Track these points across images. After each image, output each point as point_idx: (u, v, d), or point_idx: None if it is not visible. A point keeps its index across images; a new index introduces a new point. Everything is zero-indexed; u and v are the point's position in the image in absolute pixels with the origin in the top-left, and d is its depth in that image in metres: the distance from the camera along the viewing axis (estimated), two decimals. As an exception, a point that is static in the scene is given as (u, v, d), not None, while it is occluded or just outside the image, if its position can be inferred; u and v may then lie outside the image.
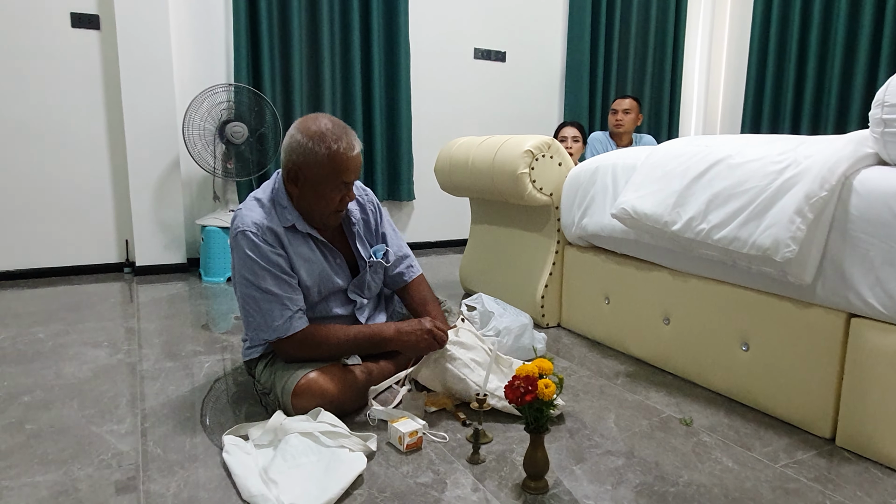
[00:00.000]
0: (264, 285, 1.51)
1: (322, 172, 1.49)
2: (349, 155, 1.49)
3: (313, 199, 1.53)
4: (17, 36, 3.04)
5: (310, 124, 1.49)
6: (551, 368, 1.24)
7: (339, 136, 1.48)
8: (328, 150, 1.47)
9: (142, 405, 1.64)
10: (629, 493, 1.25)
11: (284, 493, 1.17)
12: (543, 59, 4.57)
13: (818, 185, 1.41)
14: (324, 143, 1.47)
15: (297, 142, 1.49)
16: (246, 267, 1.52)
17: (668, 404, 1.71)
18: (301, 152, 1.48)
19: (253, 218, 1.53)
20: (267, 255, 1.51)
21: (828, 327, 1.47)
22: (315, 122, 1.49)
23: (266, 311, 1.52)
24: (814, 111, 4.11)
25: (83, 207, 3.30)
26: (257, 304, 1.52)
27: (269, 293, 1.51)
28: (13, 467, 1.31)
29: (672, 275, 1.88)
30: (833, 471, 1.36)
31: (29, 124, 3.13)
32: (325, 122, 1.50)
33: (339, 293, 1.68)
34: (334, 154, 1.47)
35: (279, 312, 1.51)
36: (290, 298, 1.53)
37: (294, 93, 3.62)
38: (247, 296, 1.54)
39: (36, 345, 2.14)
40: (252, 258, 1.51)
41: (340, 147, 1.48)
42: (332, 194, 1.52)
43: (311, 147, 1.47)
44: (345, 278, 1.68)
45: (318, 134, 1.47)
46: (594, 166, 2.17)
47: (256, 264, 1.51)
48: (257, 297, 1.52)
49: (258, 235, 1.51)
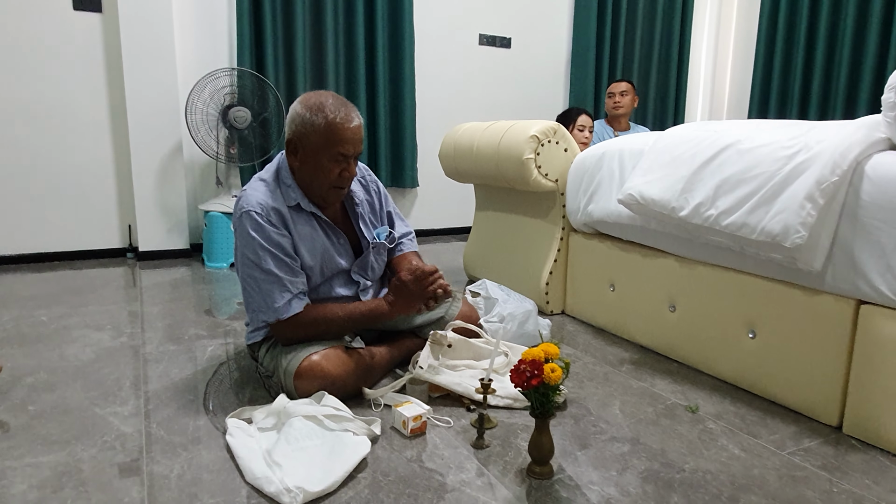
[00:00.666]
0: (266, 266, 1.51)
1: (319, 142, 1.49)
2: (347, 126, 1.49)
3: (312, 170, 1.54)
4: (20, 18, 3.02)
5: (310, 97, 1.52)
6: (557, 353, 1.23)
7: (337, 107, 1.50)
8: (325, 119, 1.48)
9: (145, 388, 1.64)
10: (634, 479, 1.24)
11: (288, 476, 1.16)
12: (549, 45, 4.53)
13: (829, 171, 1.38)
14: (322, 112, 1.48)
15: (297, 113, 1.51)
16: (249, 247, 1.52)
17: (673, 391, 1.70)
18: (300, 122, 1.50)
19: (257, 198, 1.53)
20: (270, 236, 1.51)
21: (837, 314, 1.45)
22: (316, 96, 1.52)
23: (266, 292, 1.52)
24: (822, 96, 4.07)
25: (86, 192, 3.29)
26: (258, 284, 1.52)
27: (271, 274, 1.51)
28: (17, 448, 1.31)
29: (678, 261, 1.87)
30: (840, 458, 1.35)
31: (31, 108, 3.11)
32: (326, 96, 1.52)
33: (342, 274, 1.68)
34: (331, 123, 1.48)
35: (279, 294, 1.51)
36: (291, 281, 1.53)
37: (297, 77, 3.59)
38: (248, 276, 1.54)
39: (39, 327, 2.13)
40: (255, 238, 1.50)
41: (338, 117, 1.48)
42: (330, 165, 1.52)
43: (309, 117, 1.49)
44: (348, 259, 1.68)
45: (317, 105, 1.49)
46: (600, 152, 2.15)
47: (259, 245, 1.50)
48: (258, 278, 1.52)
49: (262, 216, 1.51)
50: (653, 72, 4.80)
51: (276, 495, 1.13)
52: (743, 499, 1.18)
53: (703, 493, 1.20)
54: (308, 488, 1.13)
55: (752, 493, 1.21)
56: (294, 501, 1.11)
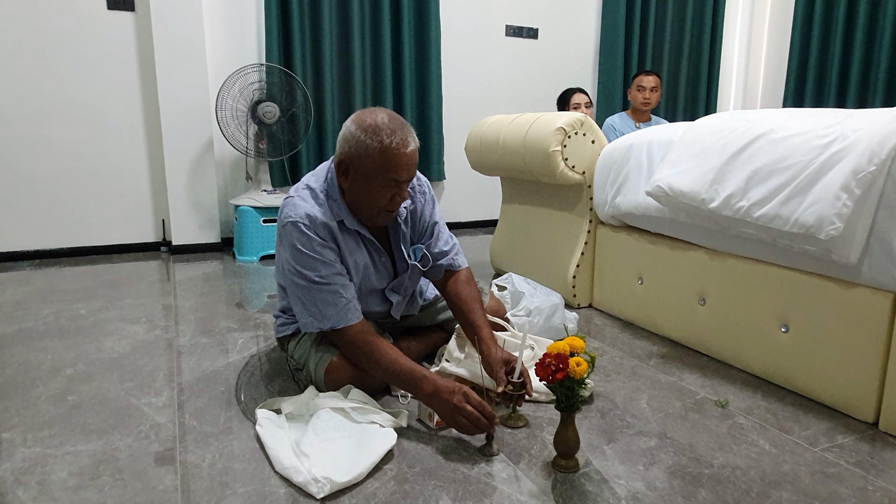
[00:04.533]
0: (315, 277, 1.45)
1: (373, 167, 1.41)
2: (403, 151, 1.40)
3: (362, 194, 1.46)
4: (56, 18, 3.10)
5: (365, 117, 1.43)
6: (583, 346, 1.22)
7: (394, 130, 1.40)
8: (380, 143, 1.39)
9: (178, 379, 1.68)
10: (661, 474, 1.23)
11: (316, 466, 1.18)
12: (577, 35, 4.47)
13: (866, 160, 1.34)
14: (377, 136, 1.39)
15: (350, 133, 1.43)
16: (296, 259, 1.46)
17: (702, 386, 1.67)
18: (353, 144, 1.42)
19: (306, 209, 1.47)
20: (316, 248, 1.46)
21: (873, 308, 1.41)
22: (371, 115, 1.43)
23: (320, 301, 1.46)
24: (861, 84, 3.94)
25: (122, 189, 3.38)
26: (310, 294, 1.47)
27: (321, 283, 1.46)
28: (56, 436, 1.36)
29: (708, 254, 1.83)
30: (876, 455, 1.32)
31: (68, 107, 3.20)
32: (382, 116, 1.42)
33: (377, 292, 1.64)
34: (386, 148, 1.39)
35: (333, 301, 1.46)
36: (344, 286, 1.48)
37: (324, 72, 3.62)
38: (297, 286, 1.48)
39: (78, 320, 2.20)
40: (302, 251, 1.45)
41: (394, 142, 1.39)
42: (381, 191, 1.44)
43: (363, 140, 1.40)
44: (387, 279, 1.63)
45: (372, 127, 1.40)
46: (628, 143, 2.12)
47: (307, 256, 1.45)
48: (309, 287, 1.47)
49: (310, 228, 1.45)
50: (684, 61, 4.70)
51: (303, 485, 1.15)
52: (773, 495, 1.16)
53: (731, 488, 1.19)
54: (335, 479, 1.14)
55: (783, 489, 1.18)
56: (321, 491, 1.13)
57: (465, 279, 1.67)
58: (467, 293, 1.63)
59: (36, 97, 3.13)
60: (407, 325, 1.79)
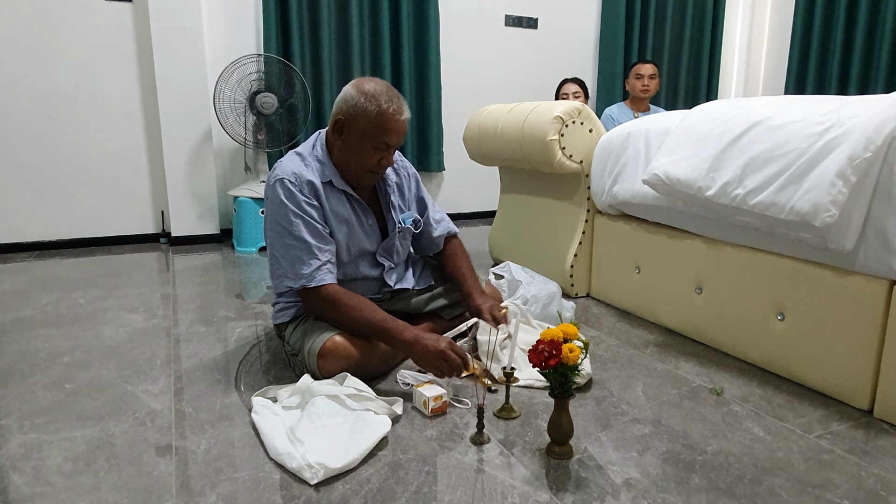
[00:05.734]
0: (296, 232, 1.53)
1: (367, 127, 1.52)
2: (397, 118, 1.53)
3: (353, 152, 1.56)
4: (54, 10, 3.09)
5: (365, 83, 1.54)
6: (576, 333, 1.22)
7: (391, 97, 1.53)
8: (378, 107, 1.51)
9: (175, 367, 1.69)
10: (655, 460, 1.24)
11: (310, 452, 1.18)
12: (577, 24, 4.45)
13: (862, 147, 1.34)
14: (375, 100, 1.51)
15: (350, 95, 1.54)
16: (279, 214, 1.54)
17: (698, 374, 1.67)
18: (353, 104, 1.53)
19: (292, 168, 1.56)
20: (301, 204, 1.53)
21: (869, 296, 1.41)
22: (371, 83, 1.55)
23: (294, 259, 1.53)
24: (863, 73, 3.92)
25: (121, 180, 3.38)
26: (287, 250, 1.54)
27: (301, 240, 1.53)
28: (53, 423, 1.37)
29: (705, 243, 1.83)
30: (870, 442, 1.32)
31: (66, 99, 3.20)
32: (381, 85, 1.55)
33: (367, 255, 1.70)
34: (383, 112, 1.51)
35: (307, 260, 1.53)
36: (320, 248, 1.54)
37: (323, 63, 3.60)
38: (276, 243, 1.56)
39: (76, 309, 2.21)
40: (286, 205, 1.53)
41: (391, 108, 1.52)
42: (371, 151, 1.55)
43: (363, 102, 1.52)
44: (374, 241, 1.70)
45: (371, 92, 1.52)
46: (626, 132, 2.11)
47: (291, 211, 1.53)
48: (288, 244, 1.53)
49: (295, 185, 1.54)
50: (685, 51, 4.68)
51: (297, 471, 1.16)
52: (766, 481, 1.17)
53: (724, 474, 1.19)
54: (329, 464, 1.15)
55: (776, 475, 1.19)
56: (315, 477, 1.14)
57: (457, 246, 1.87)
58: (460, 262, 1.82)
59: (34, 89, 3.13)
60: (402, 311, 1.79)
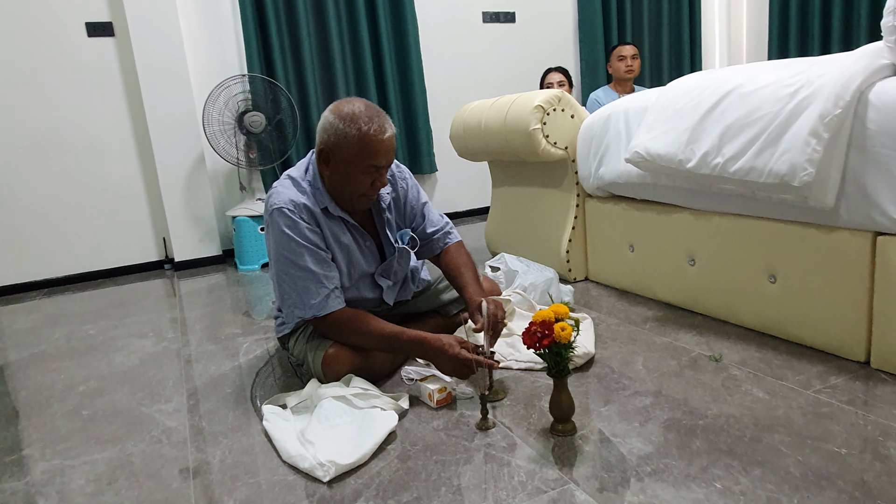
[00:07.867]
0: (302, 262, 1.50)
1: (352, 153, 1.47)
2: (380, 137, 1.47)
3: (343, 180, 1.52)
4: (38, 50, 3.15)
5: (343, 106, 1.49)
6: (567, 312, 1.25)
7: (370, 117, 1.47)
8: (358, 131, 1.45)
9: (188, 385, 1.73)
10: (657, 429, 1.27)
11: (321, 452, 1.22)
12: (554, 14, 4.47)
13: (832, 104, 1.36)
14: (355, 124, 1.46)
15: (329, 122, 1.49)
16: (282, 244, 1.51)
17: (697, 343, 1.70)
18: (332, 132, 1.48)
19: (289, 195, 1.53)
20: (304, 232, 1.50)
21: (854, 249, 1.43)
22: (348, 104, 1.49)
23: (302, 289, 1.51)
24: (844, 31, 3.93)
25: (120, 211, 3.44)
26: (294, 281, 1.52)
27: (307, 270, 1.50)
28: (73, 448, 1.41)
29: (693, 215, 1.86)
30: (868, 392, 1.34)
31: (59, 136, 3.25)
32: (359, 105, 1.49)
33: (367, 277, 1.68)
34: (364, 135, 1.45)
35: (315, 290, 1.51)
36: (327, 276, 1.52)
37: (307, 77, 3.65)
38: (283, 273, 1.53)
39: (88, 340, 2.26)
40: (289, 235, 1.50)
41: (371, 129, 1.46)
42: (361, 176, 1.50)
43: (342, 128, 1.46)
44: (373, 263, 1.67)
45: (349, 115, 1.46)
46: (606, 114, 2.14)
47: (294, 241, 1.50)
48: (294, 275, 1.51)
49: (295, 213, 1.50)
50: (664, 28, 4.69)
51: (310, 470, 1.19)
52: (766, 438, 1.19)
53: (725, 436, 1.22)
54: (339, 461, 1.19)
55: (776, 432, 1.21)
56: (327, 474, 1.17)
57: (454, 250, 1.77)
58: (457, 261, 1.73)
59: (26, 129, 3.19)
60: (403, 312, 1.83)
